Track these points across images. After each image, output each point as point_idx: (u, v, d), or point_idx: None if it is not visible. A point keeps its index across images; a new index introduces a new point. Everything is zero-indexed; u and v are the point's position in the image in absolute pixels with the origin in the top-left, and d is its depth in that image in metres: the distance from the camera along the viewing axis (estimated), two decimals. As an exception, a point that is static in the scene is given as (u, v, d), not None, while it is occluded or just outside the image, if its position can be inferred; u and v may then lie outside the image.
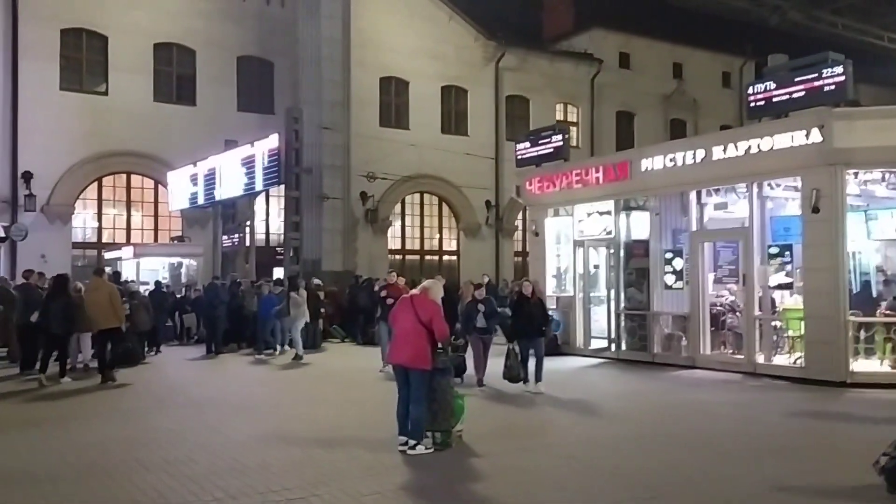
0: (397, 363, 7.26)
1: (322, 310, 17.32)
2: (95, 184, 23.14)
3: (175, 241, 22.33)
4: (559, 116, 30.37)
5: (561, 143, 16.09)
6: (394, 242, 27.49)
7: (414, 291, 7.58)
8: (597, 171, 14.92)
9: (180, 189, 22.03)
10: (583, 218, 15.61)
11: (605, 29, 30.96)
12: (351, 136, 24.66)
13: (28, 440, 7.90)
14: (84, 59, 22.88)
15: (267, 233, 25.40)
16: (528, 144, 16.94)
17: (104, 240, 23.27)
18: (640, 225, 14.73)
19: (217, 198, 20.07)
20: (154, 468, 6.59)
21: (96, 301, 11.49)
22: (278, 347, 16.04)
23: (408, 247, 27.94)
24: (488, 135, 28.44)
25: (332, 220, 23.90)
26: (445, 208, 28.59)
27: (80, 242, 23.03)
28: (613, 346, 14.85)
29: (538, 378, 10.69)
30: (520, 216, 29.93)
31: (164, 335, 17.14)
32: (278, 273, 24.00)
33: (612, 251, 15.06)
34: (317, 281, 17.75)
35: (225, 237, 20.78)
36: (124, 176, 23.62)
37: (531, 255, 17.55)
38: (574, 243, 15.75)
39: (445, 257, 28.65)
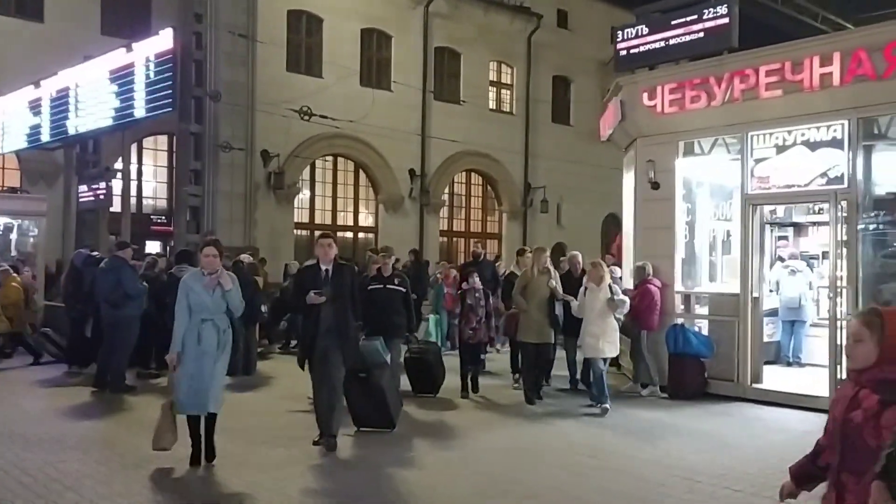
0: None
1: (262, 307, 11.25)
2: None
3: (6, 192, 15.73)
4: (493, 76, 26.54)
5: (726, 20, 9.67)
6: (301, 215, 22.40)
7: None
8: (824, 64, 8.37)
9: (15, 122, 15.77)
10: (767, 155, 9.21)
11: (542, -20, 27.26)
12: (256, 77, 19.43)
13: None
14: None
15: (139, 195, 19.56)
16: (646, 29, 10.37)
17: None
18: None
19: (71, 131, 13.97)
20: None
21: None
22: None
23: (317, 220, 22.89)
24: (415, 91, 23.90)
25: (232, 180, 18.57)
26: (363, 176, 23.80)
27: None
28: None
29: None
30: (447, 189, 25.71)
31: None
32: (153, 248, 18.64)
33: (842, 212, 8.59)
34: (248, 258, 11.53)
35: (83, 188, 14.47)
36: (-65, 110, 17.17)
37: (640, 222, 10.49)
38: (744, 201, 9.34)
39: (361, 234, 23.89)
